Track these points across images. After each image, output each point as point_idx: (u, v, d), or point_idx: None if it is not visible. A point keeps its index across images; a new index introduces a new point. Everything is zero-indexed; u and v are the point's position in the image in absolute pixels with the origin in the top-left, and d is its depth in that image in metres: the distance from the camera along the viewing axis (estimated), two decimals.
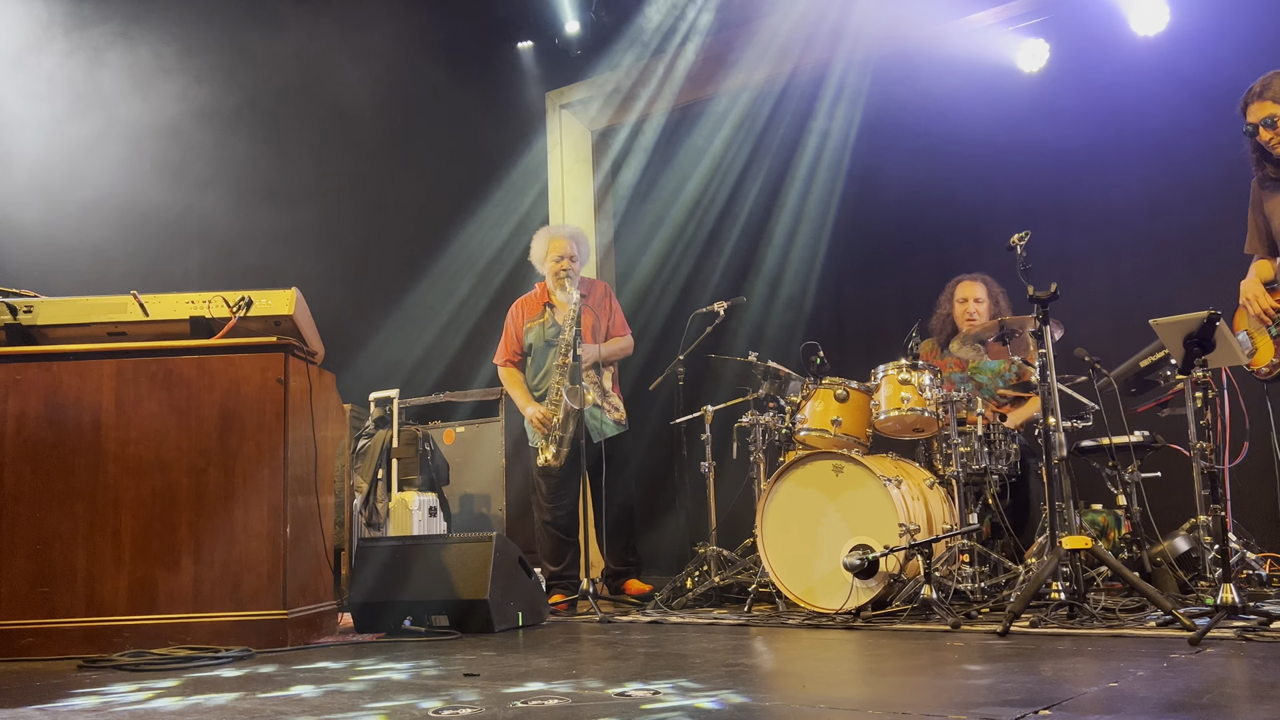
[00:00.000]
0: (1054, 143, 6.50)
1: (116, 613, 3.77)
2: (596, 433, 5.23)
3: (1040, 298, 3.93)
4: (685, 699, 2.45)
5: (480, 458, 6.53)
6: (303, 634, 3.92)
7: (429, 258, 7.71)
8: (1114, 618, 3.61)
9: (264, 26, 6.55)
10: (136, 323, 4.05)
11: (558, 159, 8.23)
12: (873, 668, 3.07)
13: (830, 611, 4.18)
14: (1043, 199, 6.49)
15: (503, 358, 5.50)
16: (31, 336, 4.06)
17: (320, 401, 4.24)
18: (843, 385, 4.71)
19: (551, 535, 5.32)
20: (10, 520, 3.82)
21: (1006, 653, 3.08)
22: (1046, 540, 4.11)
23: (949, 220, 6.79)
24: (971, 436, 4.54)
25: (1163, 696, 2.33)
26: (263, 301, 4.04)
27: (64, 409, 3.90)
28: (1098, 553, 3.71)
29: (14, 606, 3.76)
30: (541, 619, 4.45)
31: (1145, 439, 4.64)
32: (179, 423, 3.91)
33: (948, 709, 2.27)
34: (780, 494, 4.46)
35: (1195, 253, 5.95)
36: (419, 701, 2.54)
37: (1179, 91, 5.95)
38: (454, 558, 4.19)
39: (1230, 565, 3.53)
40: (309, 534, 4.08)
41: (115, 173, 5.97)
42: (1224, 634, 3.23)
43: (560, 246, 5.39)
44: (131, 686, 2.94)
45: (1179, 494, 4.71)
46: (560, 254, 5.37)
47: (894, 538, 4.12)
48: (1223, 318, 3.59)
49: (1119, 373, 4.57)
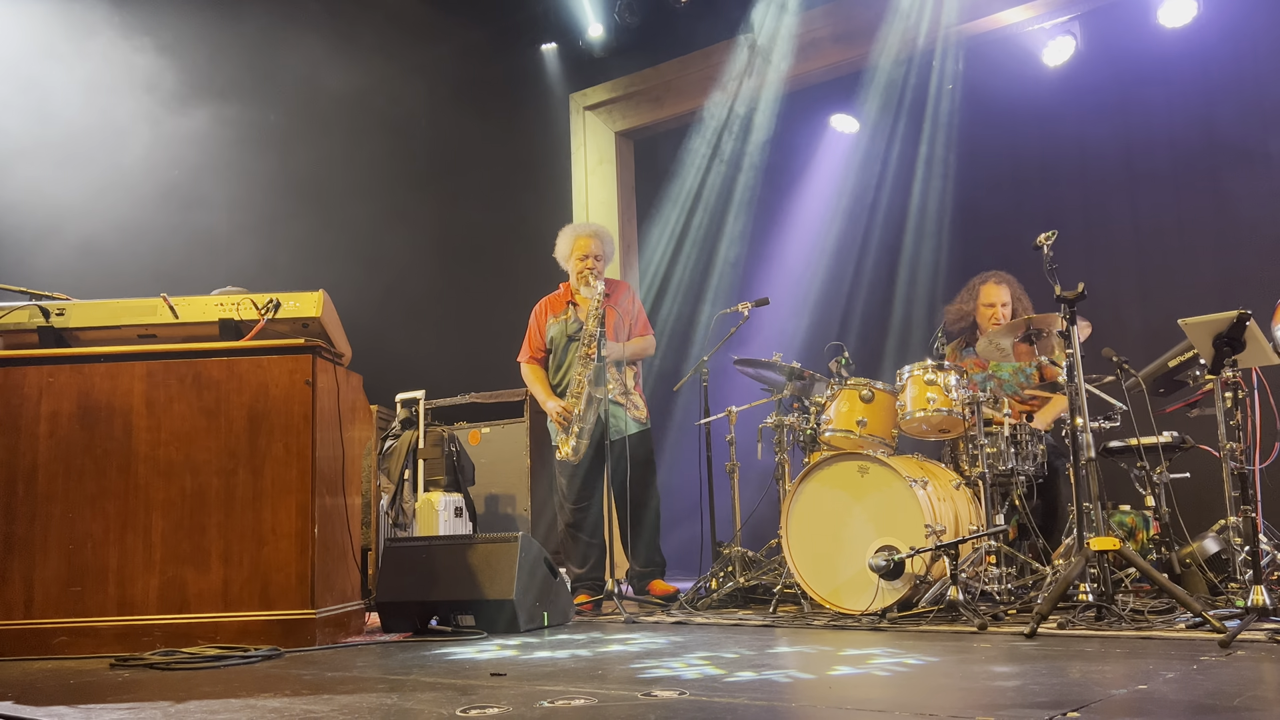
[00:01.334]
0: (1080, 138, 6.47)
1: (147, 612, 3.82)
2: (616, 430, 5.24)
3: (1068, 298, 3.91)
4: (710, 699, 2.46)
5: (505, 458, 6.56)
6: (331, 633, 3.95)
7: (454, 259, 7.76)
8: (1143, 619, 3.58)
9: (292, 31, 6.61)
10: (166, 325, 4.09)
11: (581, 160, 8.25)
12: (899, 669, 3.06)
13: (856, 613, 4.17)
14: (1071, 196, 6.46)
15: (526, 355, 5.53)
16: (64, 339, 4.11)
17: (348, 402, 4.27)
18: (868, 386, 4.70)
19: (574, 538, 5.34)
20: (44, 521, 3.87)
21: (1034, 654, 3.06)
22: (1074, 541, 4.09)
23: (975, 218, 6.77)
24: (998, 437, 4.52)
25: (1193, 700, 2.32)
26: (291, 304, 4.08)
27: (95, 411, 3.95)
28: (1126, 554, 3.69)
29: (47, 606, 3.81)
30: (567, 619, 4.46)
31: (1174, 439, 4.60)
32: (208, 424, 3.96)
33: (976, 710, 2.26)
34: (805, 495, 4.46)
35: (1224, 251, 5.90)
36: (455, 698, 2.56)
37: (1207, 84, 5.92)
38: (480, 558, 4.22)
39: (1261, 567, 3.49)
40: (336, 534, 4.11)
41: (147, 176, 6.04)
42: (1255, 636, 3.20)
43: (585, 245, 5.41)
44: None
45: (1208, 495, 4.67)
46: (585, 252, 5.39)
47: (920, 539, 4.11)
48: (1253, 317, 3.55)
49: (1147, 373, 4.53)
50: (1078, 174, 6.56)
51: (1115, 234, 6.38)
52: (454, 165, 7.87)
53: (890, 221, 7.21)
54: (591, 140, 8.25)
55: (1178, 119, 6.15)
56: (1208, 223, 6.03)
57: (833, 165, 7.50)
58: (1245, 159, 5.77)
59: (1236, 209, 5.78)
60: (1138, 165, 6.33)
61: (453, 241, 7.77)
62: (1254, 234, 5.76)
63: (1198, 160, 6.09)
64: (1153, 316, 5.97)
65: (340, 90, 6.84)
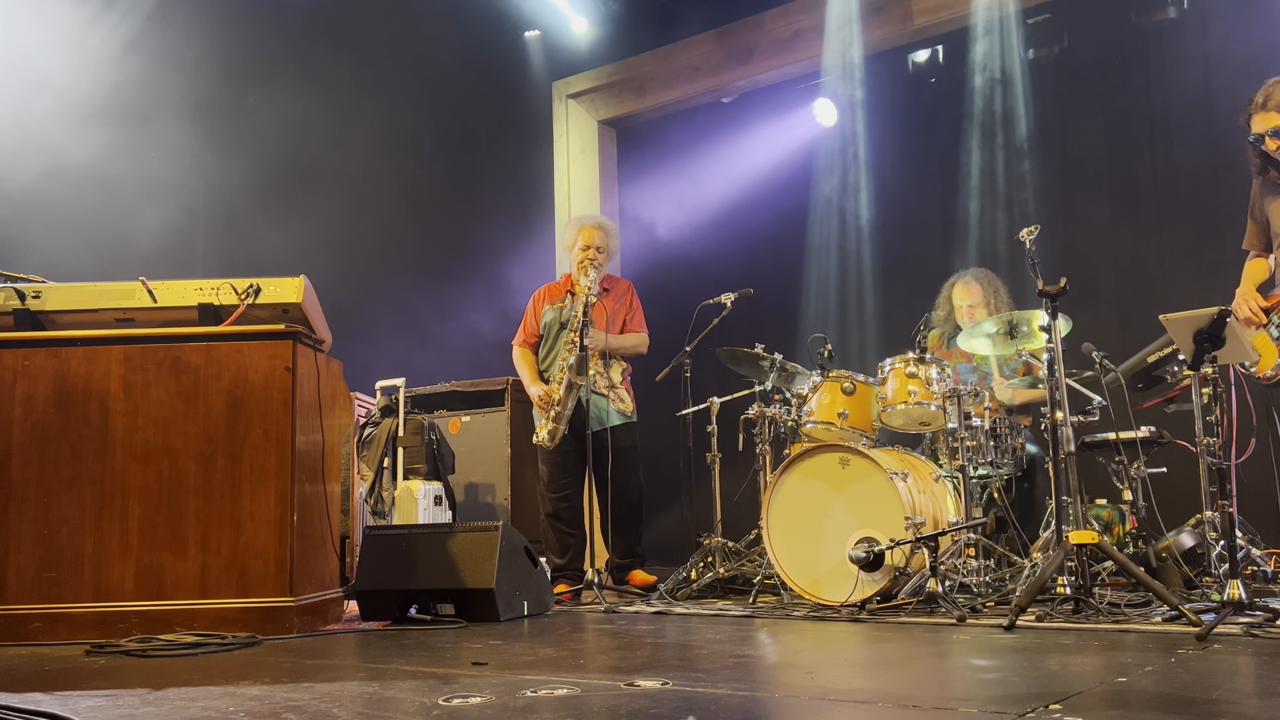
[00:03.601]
0: (1061, 129, 6.51)
1: (124, 598, 3.78)
2: (597, 421, 5.23)
3: (1049, 292, 3.93)
4: (693, 689, 2.46)
5: (485, 447, 6.54)
6: (309, 621, 3.93)
7: (436, 247, 7.72)
8: (1119, 613, 3.61)
9: (273, 15, 6.54)
10: (145, 309, 4.05)
11: (564, 148, 8.22)
12: (879, 660, 3.07)
13: (835, 604, 4.19)
14: (1052, 189, 6.49)
15: (519, 339, 5.53)
16: (40, 322, 4.06)
17: (328, 389, 4.24)
18: (850, 378, 4.71)
19: (554, 528, 5.34)
20: (18, 505, 3.82)
21: (1013, 647, 3.08)
22: (1052, 535, 4.11)
23: (955, 212, 6.79)
24: (978, 431, 4.55)
25: (1171, 692, 2.34)
26: (271, 289, 4.04)
27: (72, 394, 3.90)
28: (1104, 548, 3.71)
29: (22, 591, 3.77)
30: (546, 608, 4.46)
31: (1152, 434, 4.64)
32: (187, 409, 3.92)
33: (957, 702, 2.27)
34: (786, 486, 4.47)
35: (1204, 248, 5.94)
36: (428, 690, 2.55)
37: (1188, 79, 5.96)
38: (460, 547, 4.20)
39: (1237, 561, 3.53)
40: (315, 521, 4.09)
41: (125, 158, 5.97)
42: (1230, 630, 3.23)
43: (589, 235, 5.43)
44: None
45: (1184, 490, 4.71)
46: (587, 242, 5.40)
47: (900, 531, 4.13)
48: (1233, 314, 3.58)
49: (1126, 368, 4.57)
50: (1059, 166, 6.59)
51: (1097, 226, 6.41)
52: (435, 152, 7.82)
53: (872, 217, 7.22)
54: (574, 129, 8.22)
55: (1157, 112, 6.19)
56: (1189, 219, 6.08)
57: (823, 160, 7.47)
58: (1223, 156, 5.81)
59: (1215, 207, 5.82)
60: (1121, 158, 6.36)
61: (433, 228, 7.72)
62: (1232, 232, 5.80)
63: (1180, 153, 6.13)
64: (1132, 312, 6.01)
65: (320, 76, 6.78)
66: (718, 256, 7.61)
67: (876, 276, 7.13)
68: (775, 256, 7.44)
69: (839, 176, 7.23)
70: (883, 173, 7.11)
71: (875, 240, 7.14)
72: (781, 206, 7.48)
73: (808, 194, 7.33)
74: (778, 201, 7.51)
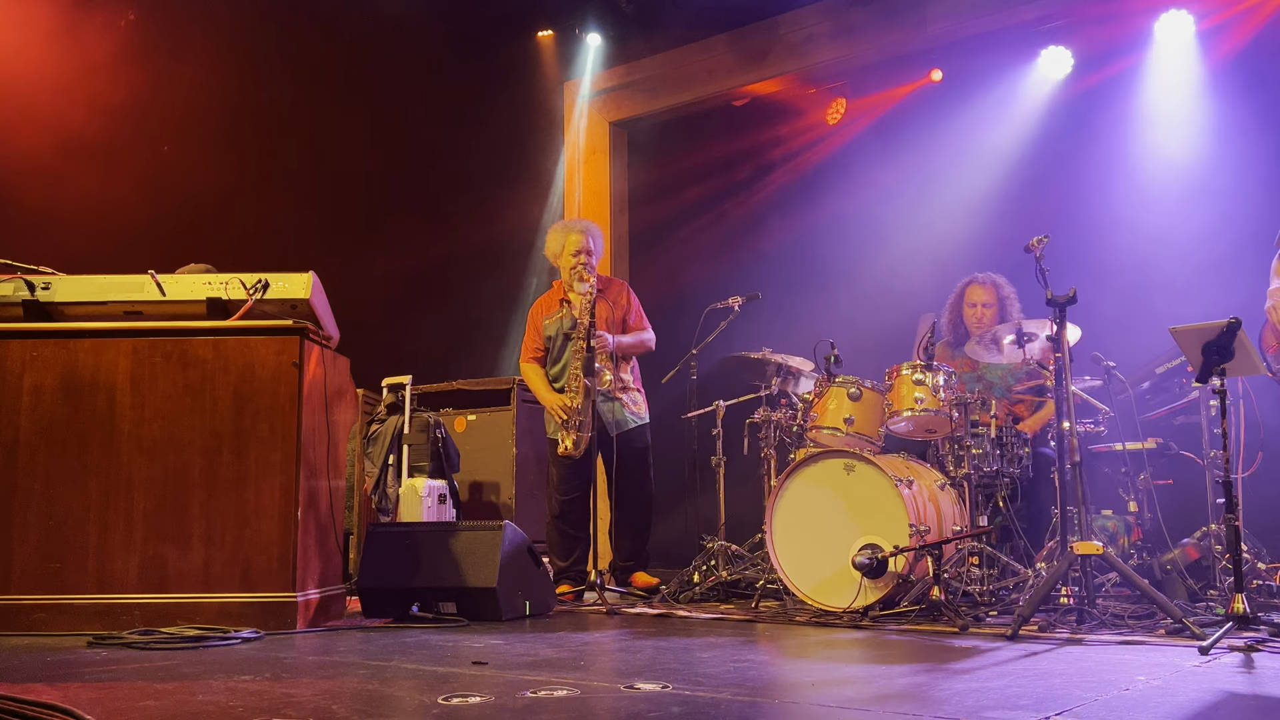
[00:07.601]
0: (1075, 144, 6.49)
1: (127, 590, 3.79)
2: (613, 425, 5.23)
3: (1058, 301, 3.91)
4: (693, 693, 2.45)
5: (491, 446, 6.53)
6: (311, 617, 3.93)
7: (445, 245, 7.72)
8: (1123, 624, 3.60)
9: (284, 12, 6.55)
10: (153, 302, 4.05)
11: (575, 149, 8.22)
12: (880, 668, 3.06)
13: (838, 610, 4.17)
14: (1062, 200, 6.47)
15: (525, 355, 5.52)
16: (49, 313, 4.06)
17: (334, 385, 4.24)
18: (856, 384, 4.69)
19: (560, 530, 5.33)
20: (24, 495, 3.83)
21: (1016, 656, 3.07)
22: (1057, 544, 4.10)
23: (962, 220, 6.77)
24: (984, 439, 4.53)
25: (1174, 705, 2.33)
26: (280, 285, 4.04)
27: (79, 386, 3.91)
28: (1108, 558, 3.70)
29: (25, 581, 3.77)
30: (548, 609, 4.46)
31: (1159, 445, 4.62)
32: (193, 403, 3.92)
33: (960, 712, 2.27)
34: (791, 491, 4.46)
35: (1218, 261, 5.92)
36: (428, 689, 2.55)
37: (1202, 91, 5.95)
38: (463, 545, 4.20)
39: (1243, 575, 3.51)
40: (320, 517, 4.09)
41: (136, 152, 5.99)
42: (1234, 644, 3.22)
43: (576, 242, 5.36)
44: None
45: (1190, 502, 4.69)
46: (577, 248, 5.34)
47: (904, 538, 4.11)
48: (1243, 326, 3.56)
49: (1135, 378, 4.55)
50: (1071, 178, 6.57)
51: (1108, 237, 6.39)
52: (445, 151, 7.82)
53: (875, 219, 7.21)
54: (585, 129, 8.21)
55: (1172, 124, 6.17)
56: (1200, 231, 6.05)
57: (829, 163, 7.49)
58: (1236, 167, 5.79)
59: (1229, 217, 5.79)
60: (1134, 171, 6.34)
61: (444, 227, 7.73)
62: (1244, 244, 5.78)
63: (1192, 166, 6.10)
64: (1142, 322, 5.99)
65: (331, 74, 6.78)
66: (726, 260, 7.60)
67: (878, 283, 7.12)
68: (785, 261, 7.42)
69: (853, 184, 7.23)
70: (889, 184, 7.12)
71: (879, 253, 7.12)
72: (798, 212, 7.47)
73: (832, 200, 7.33)
74: (792, 207, 7.50)
